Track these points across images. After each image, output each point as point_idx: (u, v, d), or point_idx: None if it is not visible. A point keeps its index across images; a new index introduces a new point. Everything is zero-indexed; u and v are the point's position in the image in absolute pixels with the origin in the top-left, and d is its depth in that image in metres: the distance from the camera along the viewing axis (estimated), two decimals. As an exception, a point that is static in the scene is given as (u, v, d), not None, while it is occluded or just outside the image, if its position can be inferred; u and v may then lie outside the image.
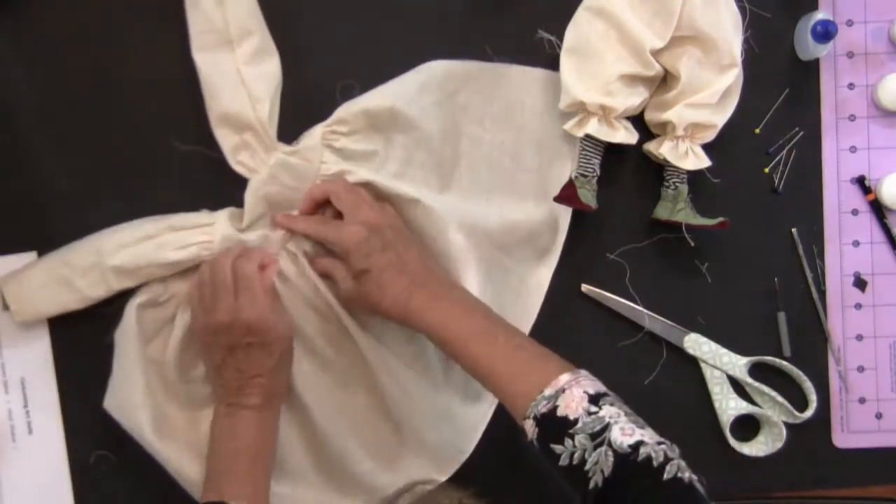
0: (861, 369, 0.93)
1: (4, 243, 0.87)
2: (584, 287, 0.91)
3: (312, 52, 0.88)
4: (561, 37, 0.86)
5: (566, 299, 0.90)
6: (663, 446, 0.69)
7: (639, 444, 0.68)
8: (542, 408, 0.71)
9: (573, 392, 0.71)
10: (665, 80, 0.87)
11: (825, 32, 0.85)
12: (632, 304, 0.91)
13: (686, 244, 0.89)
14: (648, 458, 0.68)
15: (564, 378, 0.72)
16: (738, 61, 0.84)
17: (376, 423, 0.88)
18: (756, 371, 0.91)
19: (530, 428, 0.72)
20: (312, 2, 0.88)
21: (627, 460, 0.68)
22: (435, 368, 0.89)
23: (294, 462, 0.88)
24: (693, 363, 0.92)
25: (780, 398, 0.90)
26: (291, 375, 0.86)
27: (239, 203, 0.86)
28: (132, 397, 0.84)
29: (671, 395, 0.91)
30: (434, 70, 0.87)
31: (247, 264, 0.82)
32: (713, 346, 0.91)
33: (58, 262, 0.84)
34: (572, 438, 0.70)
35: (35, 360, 0.88)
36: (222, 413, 0.83)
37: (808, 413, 0.91)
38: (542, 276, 0.90)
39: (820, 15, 0.88)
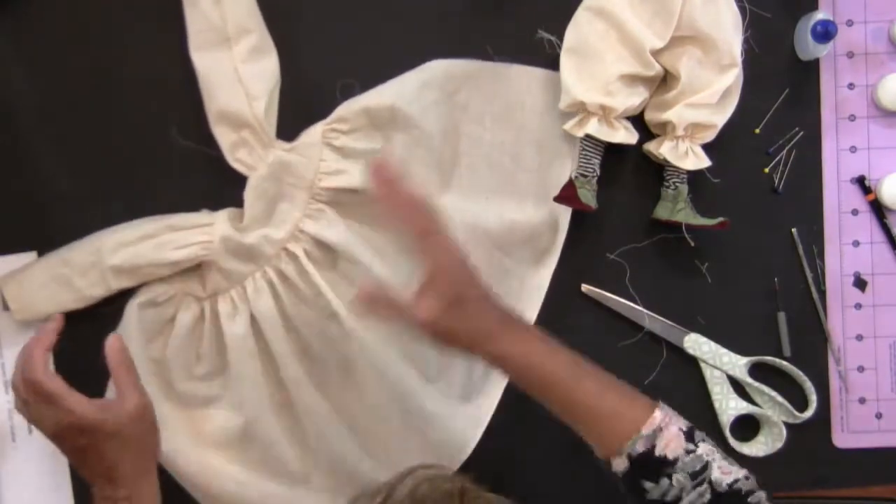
0: (861, 369, 0.93)
1: (4, 243, 0.87)
2: (584, 287, 0.91)
3: (313, 52, 0.88)
4: (561, 37, 0.86)
5: (566, 299, 0.90)
6: (752, 480, 0.73)
7: (735, 482, 0.71)
8: (640, 446, 0.72)
9: (670, 430, 0.73)
10: (665, 80, 0.87)
11: (825, 32, 0.85)
12: (632, 304, 0.91)
13: (686, 244, 0.89)
14: (738, 490, 0.71)
15: (658, 415, 0.73)
16: (738, 61, 0.84)
17: (376, 422, 0.88)
18: (756, 371, 0.91)
19: (621, 465, 0.73)
20: (313, 1, 0.88)
21: (721, 498, 0.71)
22: (436, 367, 0.89)
23: (294, 462, 0.88)
24: (693, 363, 0.92)
25: (780, 398, 0.90)
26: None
27: (239, 203, 0.86)
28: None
29: (671, 395, 0.90)
30: (434, 69, 0.87)
31: (34, 369, 0.75)
32: (713, 346, 0.91)
33: (57, 262, 0.84)
34: (669, 477, 0.72)
35: (35, 360, 0.88)
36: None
37: (808, 413, 0.91)
38: (542, 276, 0.90)
39: (820, 15, 0.87)
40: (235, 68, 0.84)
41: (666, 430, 0.73)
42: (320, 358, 0.87)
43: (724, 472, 0.72)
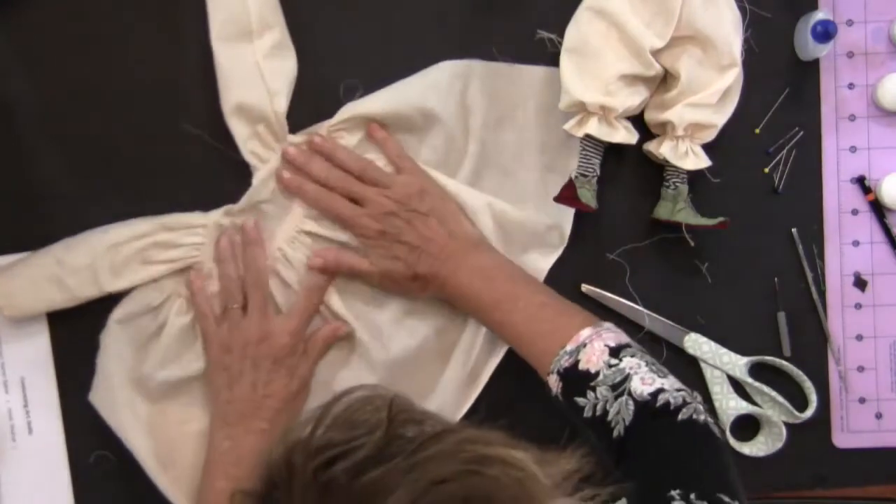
0: (861, 369, 0.93)
1: (4, 243, 0.87)
2: (584, 287, 0.91)
3: (316, 53, 0.88)
4: (561, 36, 0.86)
5: (566, 299, 0.90)
6: (682, 392, 0.72)
7: (658, 391, 0.71)
8: (564, 363, 0.73)
9: (594, 346, 0.74)
10: (665, 80, 0.87)
11: (825, 32, 0.85)
12: (632, 304, 0.91)
13: (686, 244, 0.89)
14: (667, 404, 0.70)
15: (585, 333, 0.74)
16: (738, 61, 0.84)
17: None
18: (756, 371, 0.91)
19: (554, 383, 0.74)
20: (315, 2, 0.88)
21: (646, 407, 0.70)
22: (434, 345, 0.89)
23: None
24: (693, 363, 0.92)
25: (780, 398, 0.90)
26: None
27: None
28: (114, 397, 0.85)
29: (671, 395, 0.91)
30: (439, 71, 0.87)
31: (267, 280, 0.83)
32: (713, 346, 0.91)
33: (49, 261, 0.84)
34: (594, 391, 0.72)
35: (35, 360, 0.88)
36: (224, 437, 0.81)
37: (808, 413, 0.91)
38: (538, 269, 0.90)
39: (820, 15, 0.87)
40: (257, 62, 0.84)
41: (590, 344, 0.74)
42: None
43: (645, 383, 0.71)
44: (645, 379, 0.72)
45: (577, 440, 0.57)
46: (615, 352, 0.74)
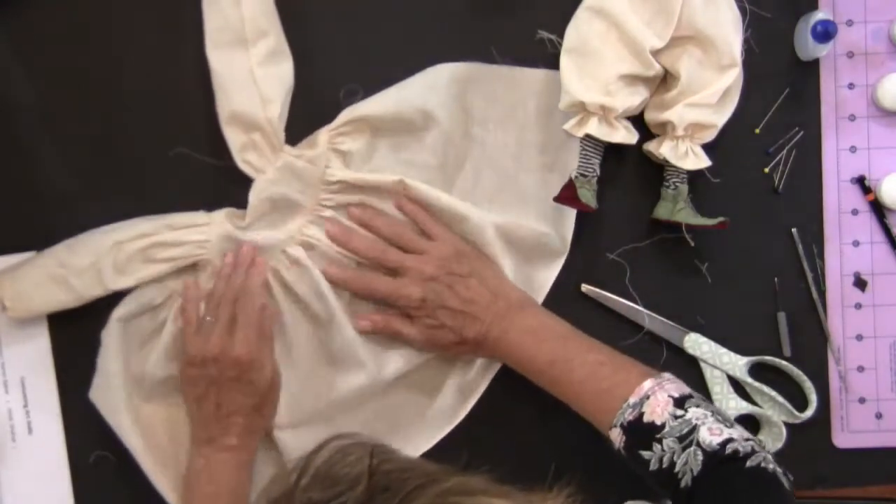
0: (861, 369, 0.93)
1: (4, 243, 0.87)
2: (584, 287, 0.91)
3: (316, 57, 0.88)
4: (561, 36, 0.86)
5: (566, 299, 0.90)
6: (751, 442, 0.71)
7: (727, 441, 0.70)
8: (629, 416, 0.73)
9: (657, 397, 0.73)
10: (665, 80, 0.87)
11: (825, 32, 0.85)
12: (632, 304, 0.91)
13: (686, 244, 0.89)
14: (735, 452, 0.69)
15: (648, 384, 0.74)
16: (738, 61, 0.84)
17: (362, 409, 0.88)
18: (756, 371, 0.91)
19: (617, 436, 0.74)
20: (316, 6, 0.88)
21: (716, 457, 0.69)
22: (431, 382, 0.89)
23: (276, 467, 0.88)
24: (693, 363, 0.92)
25: (780, 398, 0.90)
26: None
27: (238, 205, 0.86)
28: (113, 396, 0.85)
29: (671, 395, 0.91)
30: (438, 73, 0.87)
31: (251, 301, 0.82)
32: (713, 346, 0.91)
33: (53, 261, 0.84)
34: (660, 443, 0.72)
35: (35, 360, 0.88)
36: (198, 455, 0.82)
37: (808, 413, 0.91)
38: (545, 277, 0.90)
39: (820, 15, 0.87)
40: (251, 70, 0.83)
41: (654, 396, 0.73)
42: (305, 360, 0.87)
43: (714, 433, 0.71)
44: (713, 429, 0.71)
45: (565, 477, 0.56)
46: (679, 402, 0.73)
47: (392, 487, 0.51)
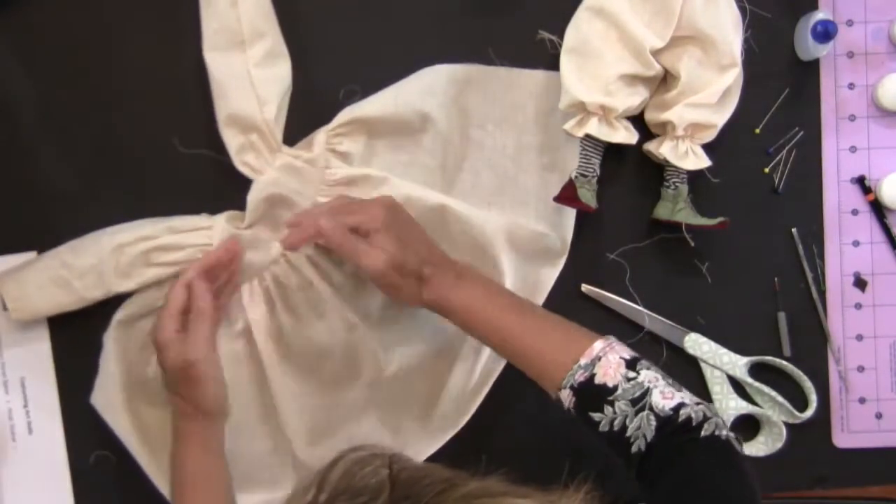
0: (861, 369, 0.93)
1: (4, 243, 0.87)
2: (584, 287, 0.91)
3: (315, 57, 0.88)
4: (562, 36, 0.86)
5: (566, 299, 0.90)
6: (702, 406, 0.71)
7: (679, 406, 0.70)
8: (580, 377, 0.72)
9: (609, 358, 0.73)
10: (665, 80, 0.87)
11: (825, 32, 0.85)
12: (632, 304, 0.91)
13: (686, 244, 0.89)
14: (689, 419, 0.69)
15: (598, 345, 0.73)
16: (738, 61, 0.84)
17: (366, 417, 0.88)
18: (756, 371, 0.91)
19: (567, 397, 0.73)
20: (315, 6, 0.88)
21: (668, 422, 0.70)
22: (433, 356, 0.89)
23: (275, 469, 0.88)
24: (693, 363, 0.92)
25: (780, 398, 0.90)
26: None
27: (240, 206, 0.86)
28: (114, 398, 0.85)
29: (671, 395, 0.91)
30: (437, 74, 0.87)
31: (204, 295, 0.80)
32: (713, 346, 0.91)
33: (56, 263, 0.84)
34: (612, 405, 0.71)
35: (35, 360, 0.88)
36: (174, 456, 0.82)
37: (808, 413, 0.91)
38: (545, 276, 0.90)
39: (820, 15, 0.87)
40: (248, 71, 0.83)
41: (605, 358, 0.73)
42: (305, 365, 0.87)
43: (666, 397, 0.71)
44: (665, 393, 0.71)
45: (581, 475, 0.56)
46: (631, 364, 0.72)
47: (412, 495, 0.51)
